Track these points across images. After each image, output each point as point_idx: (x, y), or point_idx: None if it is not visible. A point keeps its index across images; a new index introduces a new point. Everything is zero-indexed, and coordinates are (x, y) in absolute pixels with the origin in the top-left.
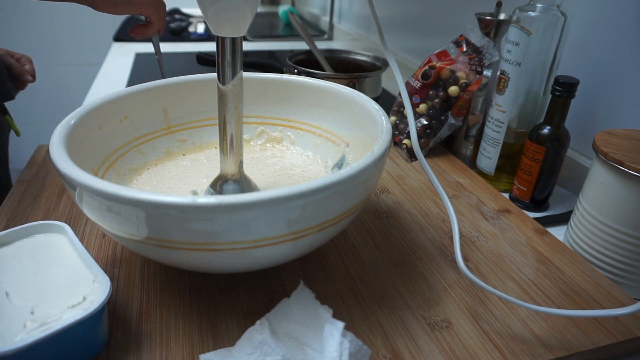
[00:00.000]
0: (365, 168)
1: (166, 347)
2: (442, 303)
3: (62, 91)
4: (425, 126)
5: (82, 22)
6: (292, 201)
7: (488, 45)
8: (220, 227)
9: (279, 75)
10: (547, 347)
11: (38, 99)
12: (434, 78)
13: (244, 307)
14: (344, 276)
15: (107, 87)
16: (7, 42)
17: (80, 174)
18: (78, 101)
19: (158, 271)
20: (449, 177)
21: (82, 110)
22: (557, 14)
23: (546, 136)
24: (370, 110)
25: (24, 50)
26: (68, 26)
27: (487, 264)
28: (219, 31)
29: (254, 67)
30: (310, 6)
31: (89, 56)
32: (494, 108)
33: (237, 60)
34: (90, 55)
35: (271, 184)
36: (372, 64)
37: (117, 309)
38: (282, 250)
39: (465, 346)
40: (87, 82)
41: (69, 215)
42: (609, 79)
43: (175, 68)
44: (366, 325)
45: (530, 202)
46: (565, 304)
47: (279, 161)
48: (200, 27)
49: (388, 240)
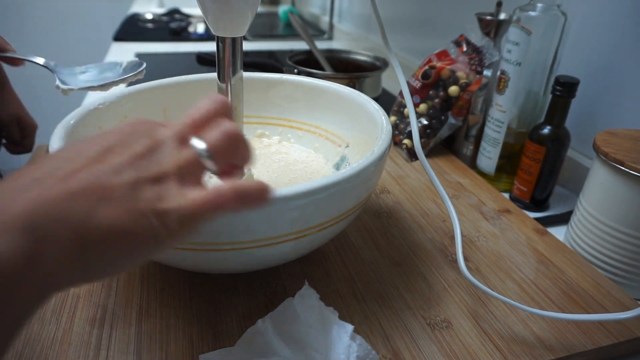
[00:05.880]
0: (365, 168)
1: (166, 347)
2: (442, 303)
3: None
4: (426, 126)
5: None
6: (293, 201)
7: (488, 45)
8: (220, 227)
9: (279, 75)
10: (547, 347)
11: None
12: (434, 78)
13: (244, 307)
14: (344, 276)
15: None
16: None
17: None
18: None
19: (158, 271)
20: (449, 177)
21: (82, 110)
22: (557, 14)
23: (546, 136)
24: (370, 110)
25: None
26: (68, 26)
27: (487, 264)
28: (219, 31)
29: (254, 67)
30: (310, 6)
31: (88, 56)
32: (494, 108)
33: (237, 60)
34: (90, 55)
35: (272, 179)
36: (372, 63)
37: (117, 309)
38: (282, 250)
39: (466, 346)
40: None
41: None
42: (610, 79)
43: (175, 68)
44: (366, 325)
45: (531, 202)
46: (565, 304)
47: (283, 157)
48: (200, 27)
49: (388, 240)
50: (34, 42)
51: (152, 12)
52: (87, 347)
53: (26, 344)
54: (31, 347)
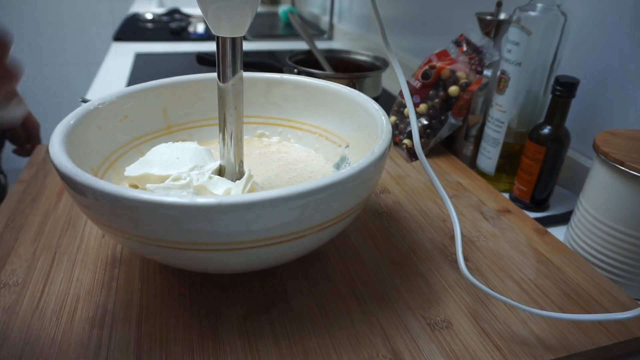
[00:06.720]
0: (365, 168)
1: (166, 347)
2: (442, 303)
3: (62, 91)
4: (426, 126)
5: (82, 21)
6: (292, 201)
7: (488, 45)
8: (220, 227)
9: (279, 75)
10: (547, 347)
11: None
12: (434, 78)
13: (244, 307)
14: (344, 276)
15: (107, 87)
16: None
17: (80, 174)
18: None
19: (158, 271)
20: (449, 177)
21: (82, 110)
22: (557, 14)
23: (546, 136)
24: (370, 110)
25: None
26: (68, 26)
27: (487, 264)
28: (219, 31)
29: (254, 67)
30: (310, 6)
31: (88, 56)
32: (494, 108)
33: (237, 60)
34: (90, 54)
35: (272, 178)
36: (372, 63)
37: (117, 309)
38: (282, 250)
39: (466, 346)
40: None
41: (68, 216)
42: (610, 79)
43: (175, 68)
44: (366, 325)
45: (531, 202)
46: (565, 304)
47: (283, 157)
48: (200, 27)
49: (388, 240)
50: (34, 41)
51: (152, 12)
52: (87, 347)
53: (26, 344)
54: (31, 347)
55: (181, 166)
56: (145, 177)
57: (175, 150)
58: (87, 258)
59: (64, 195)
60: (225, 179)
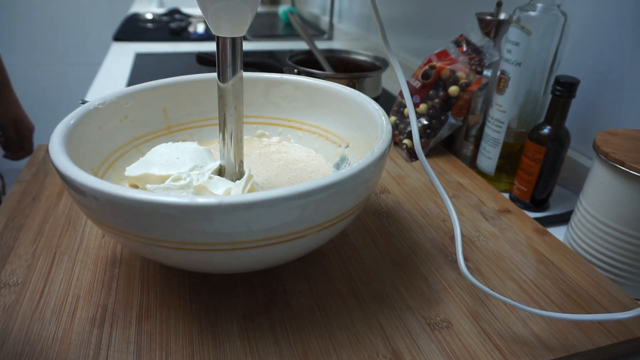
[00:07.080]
0: (365, 168)
1: (166, 347)
2: (442, 303)
3: (62, 91)
4: (426, 126)
5: (82, 21)
6: (292, 201)
7: (488, 45)
8: (220, 227)
9: (279, 75)
10: (547, 347)
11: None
12: (434, 78)
13: (244, 307)
14: (344, 276)
15: (107, 87)
16: (7, 42)
17: (80, 174)
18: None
19: (158, 271)
20: (449, 177)
21: (82, 110)
22: (557, 14)
23: (546, 136)
24: (370, 110)
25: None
26: (68, 26)
27: (487, 264)
28: (219, 31)
29: (254, 67)
30: (310, 6)
31: (88, 56)
32: (494, 108)
33: (237, 60)
34: (90, 55)
35: (272, 178)
36: (372, 63)
37: (117, 309)
38: (282, 250)
39: (466, 346)
40: (87, 81)
41: (68, 216)
42: (610, 79)
43: (175, 68)
44: (366, 325)
45: (531, 202)
46: (565, 304)
47: (283, 157)
48: (200, 27)
49: (388, 240)
50: (34, 41)
51: (152, 12)
52: (87, 347)
53: (26, 344)
54: (31, 347)
55: (181, 166)
56: (145, 177)
57: (175, 150)
58: (87, 258)
59: (64, 195)
60: (225, 179)
